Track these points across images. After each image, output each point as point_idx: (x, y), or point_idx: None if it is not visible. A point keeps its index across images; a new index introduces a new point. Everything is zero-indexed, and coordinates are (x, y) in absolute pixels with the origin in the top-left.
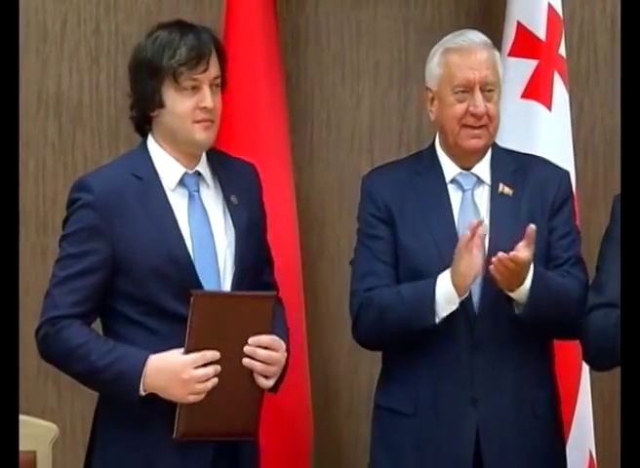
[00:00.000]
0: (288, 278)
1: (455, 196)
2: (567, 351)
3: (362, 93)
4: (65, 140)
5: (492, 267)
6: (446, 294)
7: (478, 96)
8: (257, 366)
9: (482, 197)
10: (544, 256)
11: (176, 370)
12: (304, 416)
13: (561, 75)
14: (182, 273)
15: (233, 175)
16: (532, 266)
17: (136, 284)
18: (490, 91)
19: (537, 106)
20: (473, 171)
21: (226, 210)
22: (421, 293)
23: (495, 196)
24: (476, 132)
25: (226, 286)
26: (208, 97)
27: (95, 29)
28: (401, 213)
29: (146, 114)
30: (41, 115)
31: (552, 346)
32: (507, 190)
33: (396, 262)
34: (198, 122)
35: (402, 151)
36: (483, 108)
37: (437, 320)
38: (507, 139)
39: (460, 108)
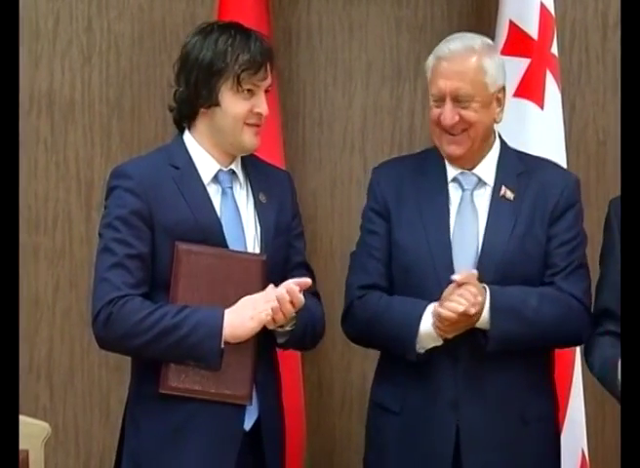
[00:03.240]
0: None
1: (455, 195)
2: (558, 351)
3: (354, 92)
4: (57, 139)
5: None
6: (430, 334)
7: (447, 106)
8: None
9: (483, 198)
10: (541, 264)
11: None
12: (297, 412)
13: (553, 74)
14: None
15: (264, 176)
16: (487, 297)
17: (170, 271)
18: (466, 101)
19: (529, 105)
20: (475, 171)
21: (255, 208)
22: (406, 326)
23: (495, 199)
24: (455, 138)
25: None
26: (264, 104)
27: (87, 27)
28: (398, 209)
29: (197, 110)
30: (33, 113)
31: (550, 351)
32: (509, 194)
33: (389, 259)
34: (249, 125)
35: (394, 150)
36: (449, 120)
37: (421, 351)
38: None
39: (436, 113)
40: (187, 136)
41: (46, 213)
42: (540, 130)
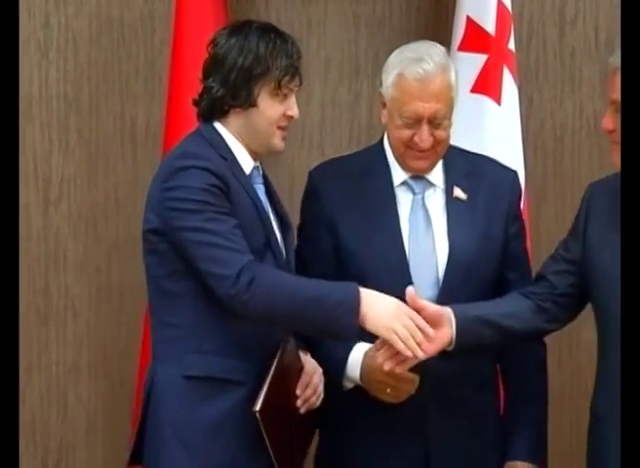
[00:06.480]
0: None
1: (405, 199)
2: None
3: (312, 88)
4: None
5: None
6: (353, 378)
7: (425, 129)
8: (313, 402)
9: (434, 200)
10: (499, 264)
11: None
12: None
13: (510, 70)
14: (276, 259)
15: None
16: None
17: None
18: (440, 121)
19: (486, 101)
20: (427, 175)
21: (274, 204)
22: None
23: (450, 200)
24: (424, 154)
25: None
26: (296, 107)
27: (44, 23)
28: (344, 216)
29: (230, 108)
30: None
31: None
32: (462, 194)
33: (329, 268)
34: (280, 128)
35: (352, 146)
36: (428, 143)
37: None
38: (457, 134)
39: (407, 134)
40: (222, 130)
41: None
42: (497, 125)
